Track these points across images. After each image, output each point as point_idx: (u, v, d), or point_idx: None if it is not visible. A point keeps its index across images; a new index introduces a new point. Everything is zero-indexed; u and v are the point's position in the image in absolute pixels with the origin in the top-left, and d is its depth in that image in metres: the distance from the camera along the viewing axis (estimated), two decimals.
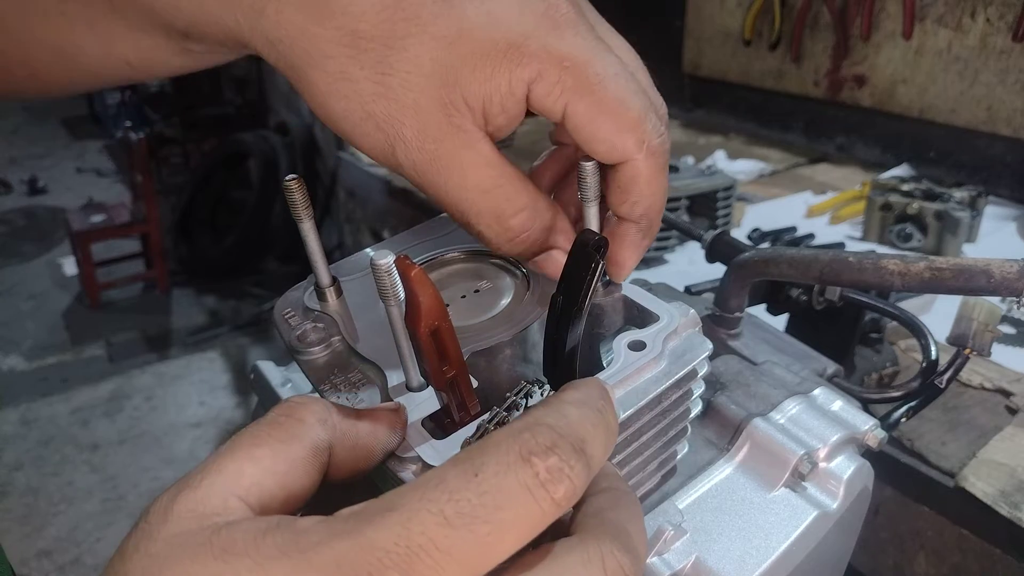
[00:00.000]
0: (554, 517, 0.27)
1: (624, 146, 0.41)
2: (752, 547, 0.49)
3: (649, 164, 0.42)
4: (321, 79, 0.39)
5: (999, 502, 0.83)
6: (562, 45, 0.39)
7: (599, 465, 0.29)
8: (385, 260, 0.37)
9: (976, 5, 1.76)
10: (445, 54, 0.38)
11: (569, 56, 0.39)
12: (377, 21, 0.38)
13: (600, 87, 0.39)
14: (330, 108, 0.40)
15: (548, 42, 0.38)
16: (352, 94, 0.39)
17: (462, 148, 0.40)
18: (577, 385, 0.32)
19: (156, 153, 5.96)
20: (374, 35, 0.38)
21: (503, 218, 0.42)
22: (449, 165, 0.40)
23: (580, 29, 0.40)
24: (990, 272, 0.55)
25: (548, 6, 0.39)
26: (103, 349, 4.09)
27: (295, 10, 0.38)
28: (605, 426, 0.30)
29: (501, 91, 0.39)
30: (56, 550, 2.81)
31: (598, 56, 0.40)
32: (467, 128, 0.40)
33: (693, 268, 1.52)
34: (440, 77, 0.38)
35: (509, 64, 0.38)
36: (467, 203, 0.41)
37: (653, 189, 0.43)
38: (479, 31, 0.38)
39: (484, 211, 0.42)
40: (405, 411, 0.39)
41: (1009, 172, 1.83)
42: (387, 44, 0.38)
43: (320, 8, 0.38)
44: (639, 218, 0.45)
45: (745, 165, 2.14)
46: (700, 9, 2.49)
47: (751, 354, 0.69)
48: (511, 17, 0.38)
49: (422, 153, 0.40)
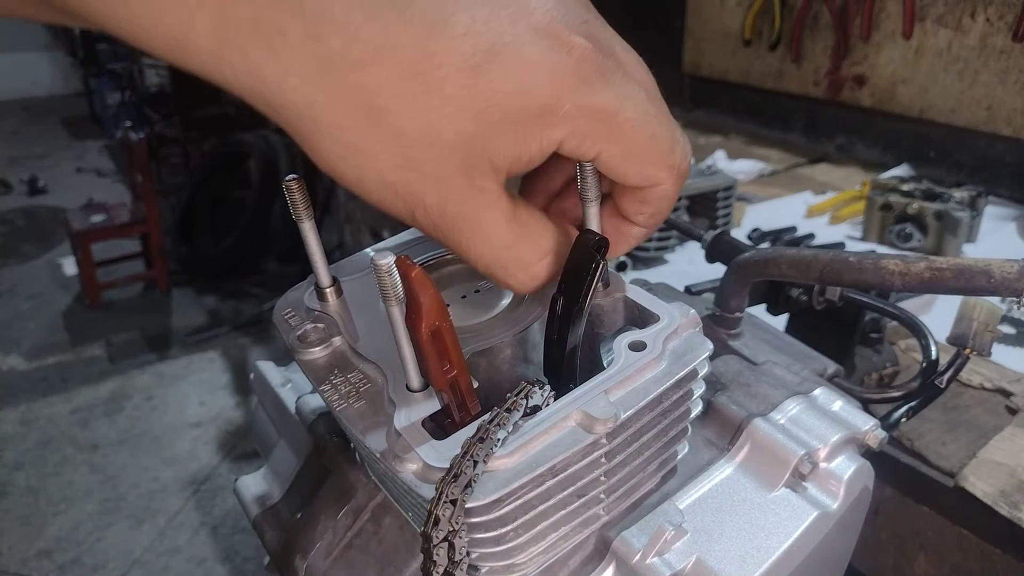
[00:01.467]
0: None
1: (657, 176, 0.42)
2: (752, 547, 0.49)
3: (676, 185, 0.43)
4: (332, 150, 0.37)
5: (999, 502, 0.83)
6: (594, 99, 0.38)
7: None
8: (386, 260, 0.37)
9: (976, 5, 1.76)
10: (472, 125, 0.36)
11: (601, 108, 0.38)
12: (395, 95, 0.35)
13: (632, 131, 0.39)
14: (343, 174, 0.38)
15: (580, 99, 0.37)
16: (367, 165, 0.37)
17: (482, 208, 0.39)
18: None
19: (156, 153, 5.96)
20: (392, 109, 0.35)
21: (529, 267, 0.42)
22: (471, 226, 0.40)
23: (608, 76, 0.38)
24: (990, 272, 0.55)
25: (577, 60, 0.37)
26: (103, 349, 4.09)
27: (302, 81, 0.35)
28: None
29: (531, 151, 0.38)
30: (56, 550, 2.81)
31: (628, 100, 0.39)
32: (488, 188, 0.39)
33: (693, 268, 1.52)
34: (465, 146, 0.37)
35: (541, 127, 0.37)
36: (491, 258, 0.41)
37: (671, 202, 0.44)
38: (509, 100, 0.36)
39: (509, 263, 0.42)
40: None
41: (1009, 172, 1.83)
42: (407, 118, 0.36)
43: (331, 82, 0.35)
44: (650, 225, 0.46)
45: (745, 165, 2.14)
46: (700, 9, 2.49)
47: (751, 354, 0.69)
48: (542, 80, 0.36)
49: (443, 218, 0.39)
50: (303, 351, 0.47)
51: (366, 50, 0.34)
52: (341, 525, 0.56)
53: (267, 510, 0.68)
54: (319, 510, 0.58)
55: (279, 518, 0.66)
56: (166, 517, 2.96)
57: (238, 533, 2.87)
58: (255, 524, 0.67)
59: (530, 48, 0.36)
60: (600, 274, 0.42)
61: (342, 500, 0.57)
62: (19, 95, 8.81)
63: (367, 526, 0.55)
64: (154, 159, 5.79)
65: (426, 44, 0.34)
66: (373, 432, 0.42)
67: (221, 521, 2.93)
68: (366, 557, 0.54)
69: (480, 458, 0.38)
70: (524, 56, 0.36)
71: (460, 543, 0.38)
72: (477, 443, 0.38)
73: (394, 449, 0.40)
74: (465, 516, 0.38)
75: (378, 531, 0.54)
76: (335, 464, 0.60)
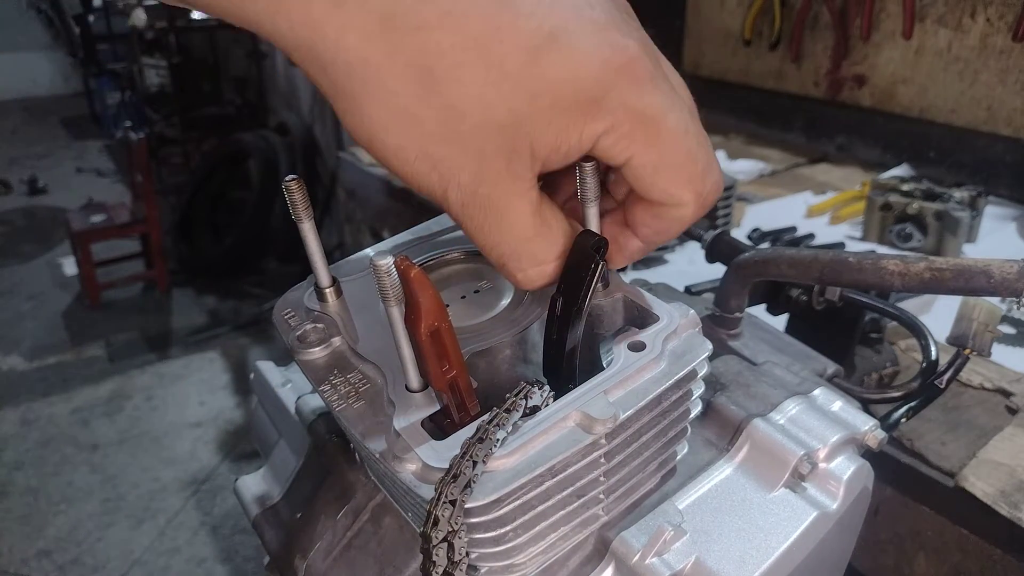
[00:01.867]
0: None
1: (681, 197, 0.41)
2: (752, 547, 0.49)
3: (696, 212, 0.42)
4: (378, 115, 0.36)
5: (999, 502, 0.83)
6: (640, 101, 0.38)
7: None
8: (385, 261, 0.37)
9: (976, 5, 1.76)
10: (525, 106, 0.36)
11: (646, 111, 0.38)
12: (455, 63, 0.35)
13: (671, 142, 0.39)
14: (382, 142, 0.37)
15: (627, 97, 0.37)
16: (412, 133, 0.37)
17: (514, 196, 0.39)
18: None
19: (156, 153, 5.96)
20: (450, 77, 0.35)
21: (541, 264, 0.42)
22: (498, 211, 0.39)
23: (656, 82, 0.39)
24: (990, 272, 0.55)
25: (629, 59, 0.37)
26: (103, 349, 4.09)
27: (361, 38, 0.34)
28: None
29: (571, 142, 0.38)
30: (56, 550, 2.81)
31: (673, 110, 0.39)
32: (524, 176, 0.39)
33: (693, 268, 1.52)
34: (513, 128, 0.37)
35: (585, 118, 0.37)
36: (509, 248, 0.41)
37: (683, 228, 0.44)
38: (563, 86, 0.36)
39: (524, 256, 0.42)
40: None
41: (1009, 172, 1.83)
42: (463, 89, 0.35)
43: (392, 41, 0.34)
44: (653, 243, 0.46)
45: (745, 165, 2.14)
46: (700, 9, 2.49)
47: (751, 354, 0.69)
48: (594, 72, 0.37)
49: (475, 197, 0.39)
50: (303, 351, 0.47)
51: (433, 13, 0.34)
52: (341, 525, 0.56)
53: (267, 510, 0.68)
54: (319, 510, 0.58)
55: (279, 518, 0.66)
56: (166, 517, 2.96)
57: (238, 533, 2.87)
58: (255, 524, 0.67)
59: (588, 40, 0.36)
60: (600, 274, 0.42)
61: (342, 500, 0.57)
62: (19, 95, 8.81)
63: (367, 526, 0.55)
64: (154, 159, 5.79)
65: (493, 17, 0.35)
66: (372, 432, 0.42)
67: (221, 521, 2.93)
68: (366, 557, 0.54)
69: (479, 458, 0.38)
70: (582, 46, 0.36)
71: (459, 543, 0.38)
72: (476, 443, 0.38)
73: (393, 449, 0.40)
74: (464, 516, 0.38)
75: (378, 531, 0.54)
76: (335, 464, 0.60)
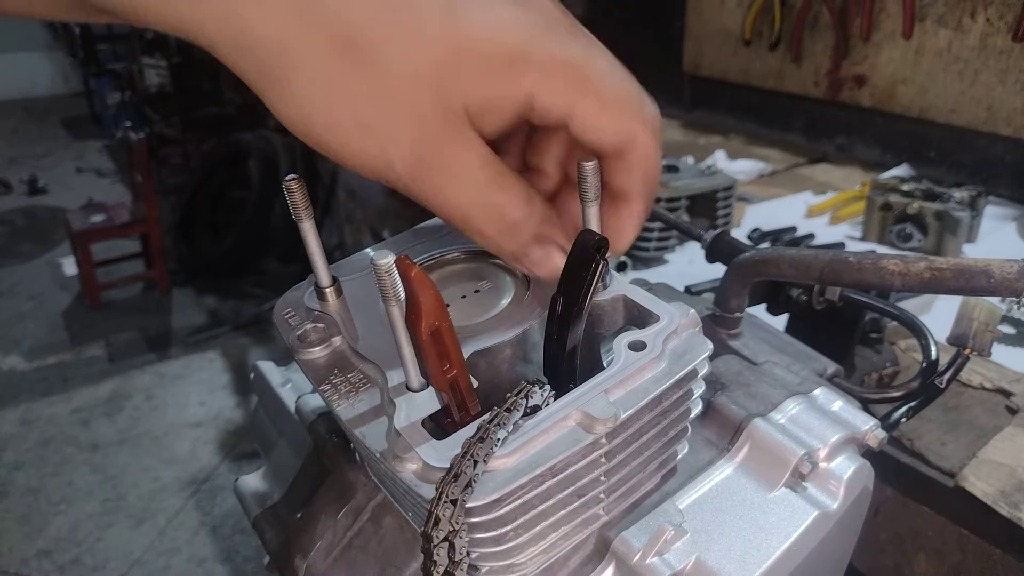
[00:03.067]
0: None
1: (632, 129, 0.42)
2: (752, 547, 0.49)
3: (652, 139, 0.44)
4: (305, 87, 0.37)
5: (999, 502, 0.83)
6: (566, 51, 0.40)
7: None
8: (386, 260, 0.37)
9: (976, 5, 1.76)
10: (448, 59, 0.38)
11: (570, 60, 0.40)
12: (374, 27, 0.37)
13: (603, 82, 0.41)
14: (317, 122, 0.38)
15: (550, 49, 0.39)
16: (344, 105, 0.38)
17: (461, 151, 0.40)
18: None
19: (156, 153, 5.96)
20: (372, 41, 0.37)
21: (503, 212, 0.42)
22: (448, 169, 0.40)
23: (575, 33, 0.41)
24: (990, 272, 0.55)
25: (549, 18, 0.40)
26: (103, 349, 4.09)
27: (282, 22, 0.36)
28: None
29: (504, 100, 0.39)
30: (56, 550, 2.81)
31: (595, 55, 0.41)
32: (466, 132, 0.40)
33: (693, 268, 1.52)
34: (441, 84, 0.38)
35: (513, 74, 0.39)
36: (465, 203, 0.42)
37: (658, 159, 0.45)
38: (485, 44, 0.38)
39: (485, 208, 0.42)
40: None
41: (1009, 172, 1.83)
42: (387, 50, 0.37)
43: (308, 13, 0.36)
44: (645, 195, 0.46)
45: (745, 165, 2.14)
46: (700, 9, 2.49)
47: (751, 354, 0.69)
48: (515, 27, 0.38)
49: (420, 161, 0.39)
50: (303, 351, 0.47)
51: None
52: (341, 525, 0.56)
53: (267, 510, 0.68)
54: (319, 510, 0.58)
55: (279, 518, 0.66)
56: (166, 517, 2.95)
57: (238, 533, 2.87)
58: (255, 524, 0.67)
59: (501, 4, 0.39)
60: (600, 274, 0.42)
61: (342, 500, 0.57)
62: (19, 95, 8.80)
63: (367, 526, 0.55)
64: (154, 159, 5.78)
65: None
66: (373, 432, 0.42)
67: (221, 521, 2.93)
68: (366, 557, 0.54)
69: (480, 458, 0.38)
70: (496, 8, 0.38)
71: (460, 543, 0.38)
72: (477, 443, 0.38)
73: (394, 449, 0.40)
74: (465, 516, 0.38)
75: (378, 531, 0.54)
76: (335, 464, 0.60)
